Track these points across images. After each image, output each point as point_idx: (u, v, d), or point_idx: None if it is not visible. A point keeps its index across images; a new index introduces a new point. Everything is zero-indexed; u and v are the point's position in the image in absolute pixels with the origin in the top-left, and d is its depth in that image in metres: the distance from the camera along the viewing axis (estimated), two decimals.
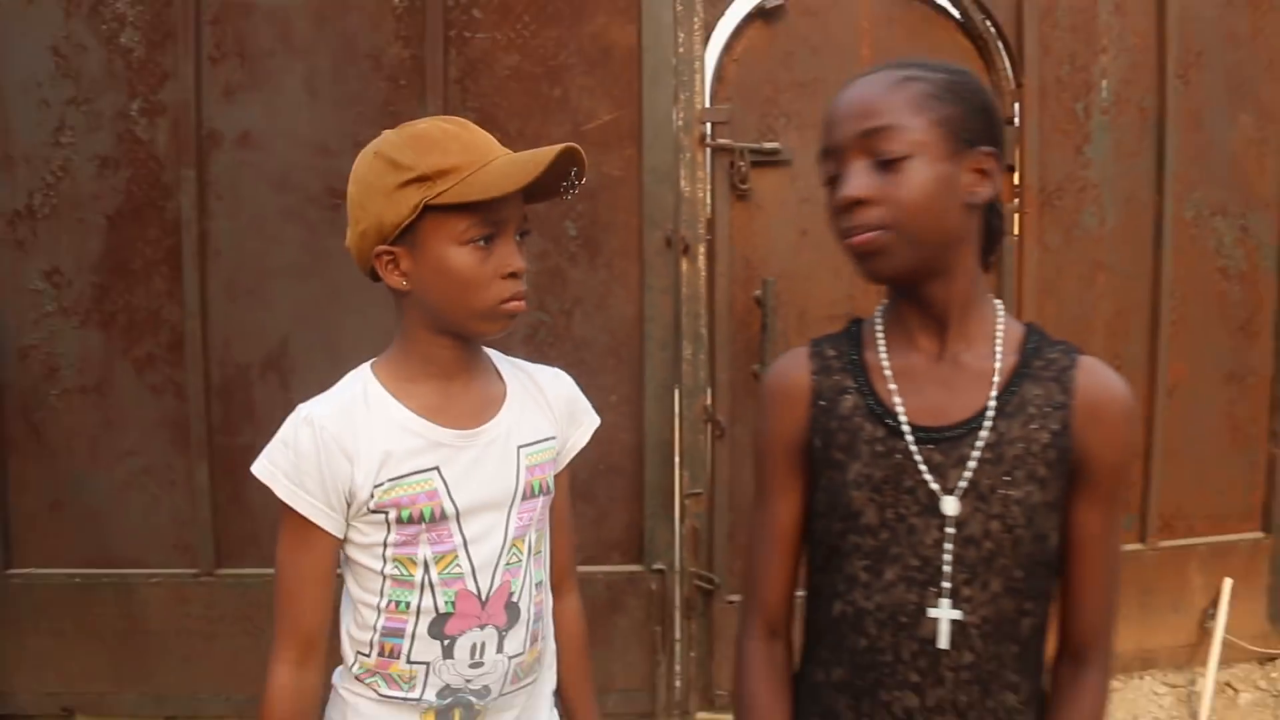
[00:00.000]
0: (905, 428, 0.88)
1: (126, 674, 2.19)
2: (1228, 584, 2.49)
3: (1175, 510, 2.50)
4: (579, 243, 2.18)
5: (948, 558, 0.86)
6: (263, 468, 0.96)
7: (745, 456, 2.24)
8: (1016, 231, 2.35)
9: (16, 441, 2.18)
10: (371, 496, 0.94)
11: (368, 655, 0.98)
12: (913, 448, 0.87)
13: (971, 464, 0.86)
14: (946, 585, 0.85)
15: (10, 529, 2.18)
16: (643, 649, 2.23)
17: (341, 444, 0.94)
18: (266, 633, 0.97)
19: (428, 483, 0.95)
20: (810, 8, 2.22)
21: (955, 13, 2.31)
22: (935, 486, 0.86)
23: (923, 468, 0.87)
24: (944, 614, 0.85)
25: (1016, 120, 2.34)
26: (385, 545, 0.96)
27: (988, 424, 0.86)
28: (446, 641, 0.96)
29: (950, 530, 0.86)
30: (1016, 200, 2.35)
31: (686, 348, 2.17)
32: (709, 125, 2.17)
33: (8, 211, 2.15)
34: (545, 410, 1.05)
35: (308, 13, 2.15)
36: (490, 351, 1.07)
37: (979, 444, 0.86)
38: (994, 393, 0.87)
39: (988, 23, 2.30)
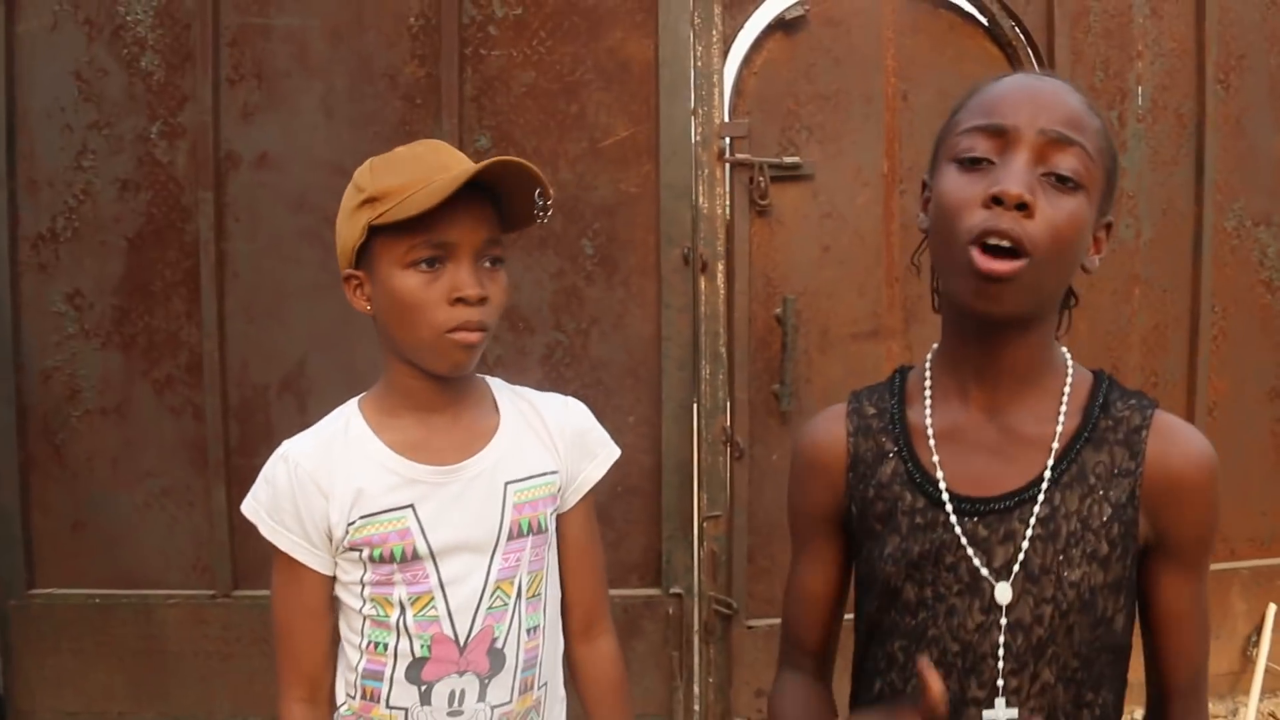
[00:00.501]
0: (945, 497, 0.79)
1: (144, 694, 2.19)
2: (1271, 609, 2.39)
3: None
4: (595, 261, 2.14)
5: (1000, 643, 0.76)
6: (248, 505, 0.96)
7: (765, 478, 2.19)
8: None
9: (39, 462, 2.20)
10: (346, 534, 0.92)
11: (353, 698, 0.96)
12: (953, 520, 0.78)
13: (1023, 542, 0.76)
14: (998, 682, 0.76)
15: (32, 549, 2.20)
16: (660, 674, 2.19)
17: (316, 480, 0.93)
18: None
19: (399, 521, 0.92)
20: (832, 17, 2.17)
21: (982, 19, 2.24)
22: (980, 565, 0.77)
23: (965, 543, 0.77)
24: (999, 715, 0.76)
25: None
26: (363, 584, 0.94)
27: (1042, 495, 0.77)
28: (424, 687, 0.93)
29: (1003, 620, 0.76)
30: None
31: (705, 367, 2.12)
32: (728, 140, 2.13)
33: (31, 235, 2.17)
34: (545, 443, 1.00)
35: (324, 33, 2.15)
36: (494, 381, 1.04)
37: (1031, 519, 0.76)
38: (1051, 460, 0.77)
39: (1016, 29, 2.23)
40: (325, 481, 0.92)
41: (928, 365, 0.86)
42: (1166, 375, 2.37)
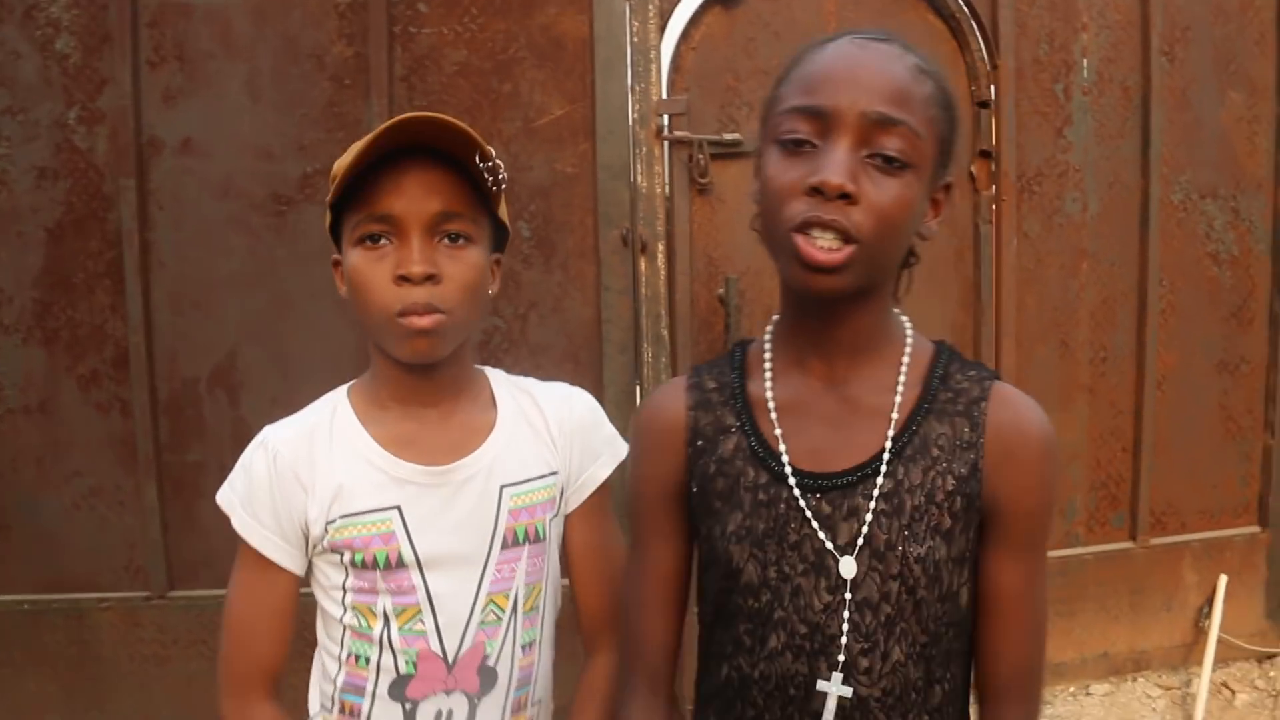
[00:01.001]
0: (789, 473, 0.76)
1: (80, 702, 2.12)
2: (1223, 581, 2.40)
3: (1167, 506, 2.41)
4: (532, 244, 2.09)
5: (845, 626, 0.74)
6: (223, 494, 0.89)
7: None
8: (993, 221, 2.25)
9: None
10: (325, 533, 0.85)
11: (329, 710, 0.89)
12: (797, 495, 0.75)
13: (866, 516, 0.74)
14: (840, 658, 0.73)
15: None
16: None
17: (296, 472, 0.86)
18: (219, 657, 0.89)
19: (384, 524, 0.85)
20: None
21: None
22: (826, 542, 0.74)
23: (811, 520, 0.75)
24: (833, 689, 0.73)
25: (993, 103, 2.23)
26: (345, 590, 0.87)
27: (884, 469, 0.74)
28: (408, 705, 0.86)
29: (847, 596, 0.74)
30: (993, 188, 2.25)
31: (647, 350, 2.08)
32: (666, 117, 2.08)
33: None
34: (544, 441, 0.93)
35: (247, 12, 2.07)
36: (493, 373, 0.97)
37: (874, 493, 0.74)
38: (891, 432, 0.75)
39: (960, 1, 2.20)
40: (306, 474, 0.86)
41: (767, 338, 0.83)
42: (1115, 350, 2.36)
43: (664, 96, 2.08)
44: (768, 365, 0.81)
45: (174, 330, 2.10)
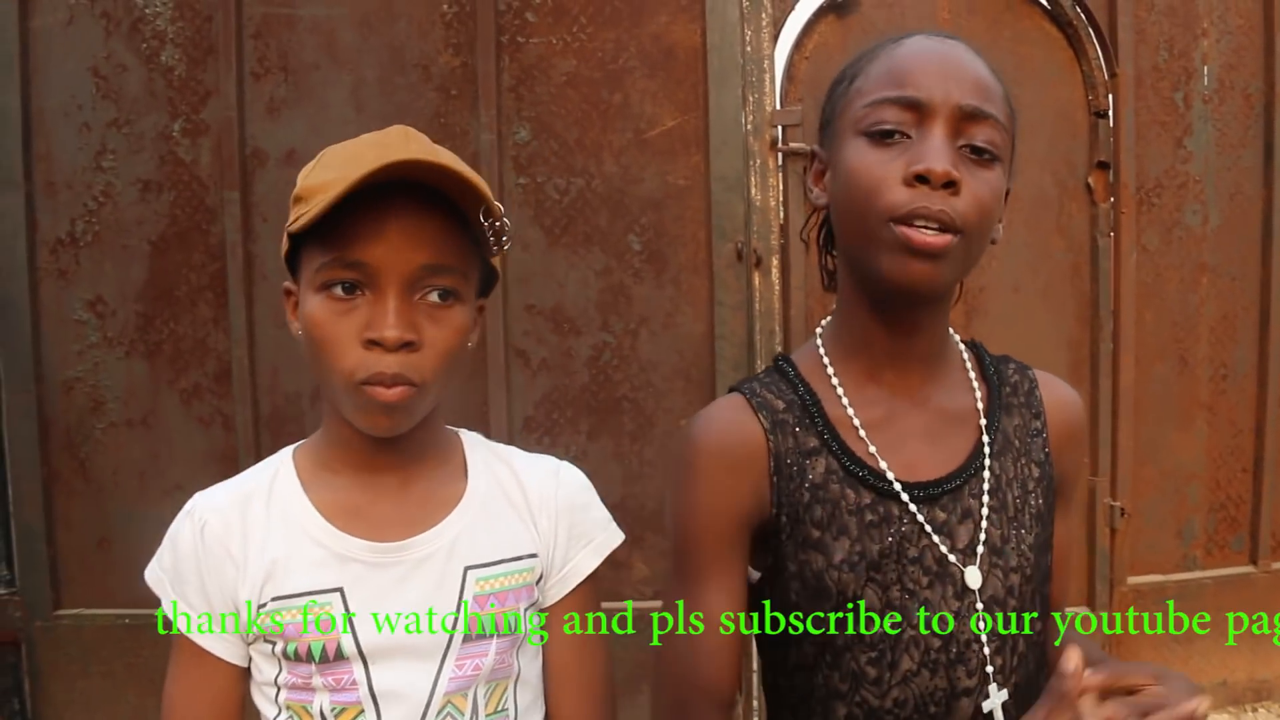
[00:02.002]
0: (897, 487, 0.73)
1: None
2: None
3: None
4: (643, 258, 2.04)
5: (981, 626, 0.73)
6: (151, 572, 0.76)
7: None
8: (1112, 233, 2.18)
9: (63, 478, 2.10)
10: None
11: None
12: (913, 509, 0.73)
13: (983, 513, 0.75)
14: (987, 664, 0.73)
15: (58, 569, 2.10)
16: None
17: (226, 544, 0.73)
18: None
19: (324, 609, 0.72)
20: None
21: None
22: (947, 553, 0.73)
23: (930, 532, 0.73)
24: (996, 700, 0.73)
25: (1111, 113, 2.16)
26: (277, 687, 0.74)
27: (987, 467, 0.76)
28: None
29: (979, 603, 0.73)
30: (1111, 199, 2.17)
31: (761, 366, 2.03)
32: (780, 128, 2.03)
33: (50, 239, 2.07)
34: (523, 519, 0.80)
35: (353, 22, 2.05)
36: (469, 437, 0.84)
37: (984, 490, 0.75)
38: (984, 431, 0.77)
39: (1077, 8, 2.13)
40: (237, 547, 0.73)
41: (822, 352, 0.78)
42: (1235, 366, 2.27)
43: (777, 107, 2.03)
44: (835, 381, 0.77)
45: (277, 344, 2.07)
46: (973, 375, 0.79)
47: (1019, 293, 2.15)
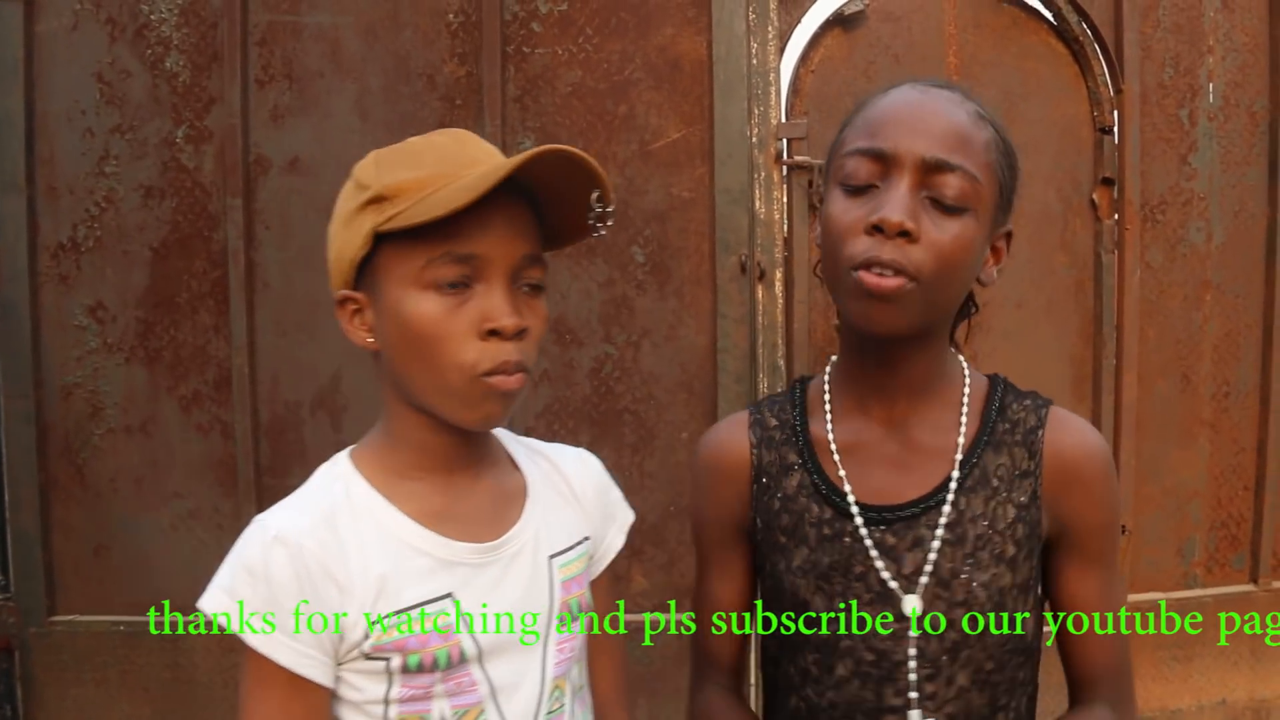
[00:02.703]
0: (854, 508, 0.78)
1: None
2: None
3: None
4: (646, 269, 2.04)
5: (912, 653, 0.76)
6: (217, 602, 0.69)
7: None
8: (1116, 249, 2.17)
9: (60, 483, 2.09)
10: (367, 637, 0.70)
11: None
12: (861, 529, 0.78)
13: (933, 544, 0.76)
14: (913, 693, 0.76)
15: (54, 574, 2.09)
16: None
17: (326, 566, 0.70)
18: None
19: (442, 615, 0.72)
20: (891, 13, 2.07)
21: (1048, 14, 2.14)
22: (887, 574, 0.77)
23: (873, 553, 0.77)
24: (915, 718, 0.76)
25: (1116, 129, 2.16)
26: (387, 703, 0.71)
27: (949, 501, 0.77)
28: None
29: (913, 632, 0.77)
30: (1115, 216, 2.17)
31: (763, 380, 2.02)
32: (785, 141, 2.02)
33: (51, 244, 2.06)
34: (574, 504, 0.84)
35: (358, 31, 2.05)
36: (500, 431, 0.84)
37: (940, 522, 0.76)
38: (956, 468, 0.78)
39: (1083, 24, 2.13)
40: (339, 568, 0.70)
41: (826, 379, 0.85)
42: (1238, 384, 2.26)
43: (783, 120, 2.02)
44: (828, 406, 0.84)
45: (277, 352, 2.07)
46: (965, 410, 0.80)
47: (1022, 308, 2.15)
